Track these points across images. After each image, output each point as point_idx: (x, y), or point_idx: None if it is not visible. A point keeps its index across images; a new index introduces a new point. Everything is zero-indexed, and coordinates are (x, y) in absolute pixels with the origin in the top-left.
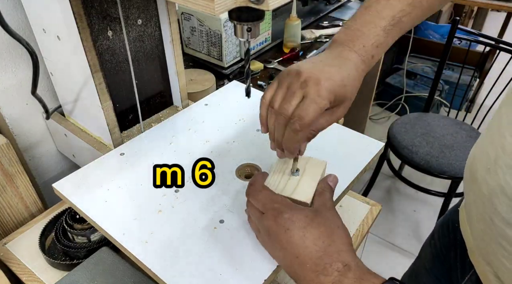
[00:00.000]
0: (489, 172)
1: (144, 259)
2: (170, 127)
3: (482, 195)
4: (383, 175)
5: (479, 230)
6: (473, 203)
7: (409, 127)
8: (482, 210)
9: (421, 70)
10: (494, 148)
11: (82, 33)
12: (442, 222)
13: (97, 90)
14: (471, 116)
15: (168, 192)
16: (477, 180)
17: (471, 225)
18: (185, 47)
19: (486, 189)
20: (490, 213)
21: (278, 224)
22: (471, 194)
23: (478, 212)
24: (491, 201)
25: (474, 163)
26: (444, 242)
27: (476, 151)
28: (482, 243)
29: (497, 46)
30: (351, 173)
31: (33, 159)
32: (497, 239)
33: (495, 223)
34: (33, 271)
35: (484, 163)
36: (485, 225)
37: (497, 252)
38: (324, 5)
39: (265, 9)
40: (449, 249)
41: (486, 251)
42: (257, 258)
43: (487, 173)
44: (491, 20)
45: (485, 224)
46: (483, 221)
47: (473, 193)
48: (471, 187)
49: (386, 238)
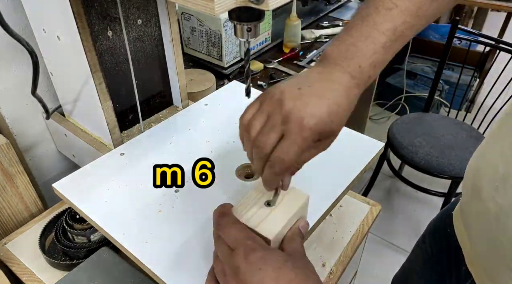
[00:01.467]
0: (498, 190)
1: (144, 259)
2: (170, 127)
3: (488, 213)
4: (383, 175)
5: (483, 248)
6: (475, 219)
7: (409, 127)
8: (488, 229)
9: (421, 70)
10: (505, 163)
11: (82, 33)
12: (434, 225)
13: (97, 90)
14: (471, 116)
15: (168, 192)
16: (482, 197)
17: (471, 239)
18: (185, 47)
19: (493, 208)
20: (497, 233)
21: (250, 263)
22: (473, 209)
23: (482, 229)
24: (500, 221)
25: (478, 177)
26: (436, 247)
27: (481, 162)
28: (486, 262)
29: (497, 46)
30: (351, 173)
31: (33, 159)
32: (505, 260)
33: (503, 244)
34: (33, 271)
35: (491, 179)
36: (490, 244)
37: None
38: (324, 5)
39: (265, 9)
40: (441, 255)
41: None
42: None
43: (496, 191)
44: (491, 20)
45: (490, 243)
46: (488, 240)
47: (476, 209)
48: (474, 202)
49: (386, 238)
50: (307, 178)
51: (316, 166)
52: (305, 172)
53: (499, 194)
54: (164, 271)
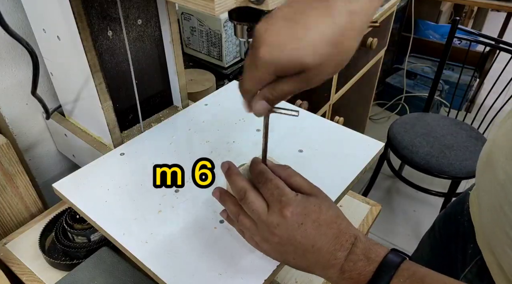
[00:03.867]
0: (508, 159)
1: (144, 259)
2: (170, 127)
3: (497, 182)
4: (383, 175)
5: (488, 218)
6: (486, 190)
7: (409, 127)
8: (494, 198)
9: (421, 70)
10: None
11: (82, 33)
12: (444, 213)
13: (97, 90)
14: (471, 116)
15: (168, 192)
16: (494, 166)
17: (481, 212)
18: (185, 47)
19: (502, 175)
20: (501, 201)
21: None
22: (485, 180)
23: (490, 199)
24: (505, 190)
25: (493, 149)
26: (445, 233)
27: (498, 135)
28: (488, 231)
29: (497, 46)
30: (351, 173)
31: (33, 159)
32: (504, 228)
33: (504, 212)
34: (33, 271)
35: (506, 150)
36: (494, 213)
37: (502, 241)
38: None
39: (265, 9)
40: (449, 240)
41: (491, 239)
42: (257, 258)
43: (506, 160)
44: (491, 20)
45: (494, 212)
46: (493, 209)
47: (488, 179)
48: (486, 173)
49: (386, 238)
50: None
51: (316, 166)
52: (305, 172)
53: (509, 163)
54: (164, 271)
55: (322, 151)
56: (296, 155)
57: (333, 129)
